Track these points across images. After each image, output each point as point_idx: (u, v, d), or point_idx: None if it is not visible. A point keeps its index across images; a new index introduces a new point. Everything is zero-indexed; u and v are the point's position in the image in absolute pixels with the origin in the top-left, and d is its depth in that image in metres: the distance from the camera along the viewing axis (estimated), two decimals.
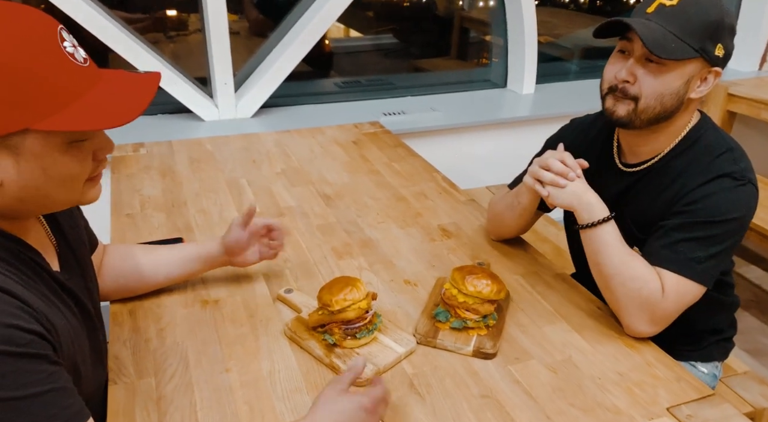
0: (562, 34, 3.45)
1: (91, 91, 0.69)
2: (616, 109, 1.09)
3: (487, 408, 0.93)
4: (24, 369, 0.62)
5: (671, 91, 1.05)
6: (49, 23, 0.68)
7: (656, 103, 1.06)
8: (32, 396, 0.63)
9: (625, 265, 1.06)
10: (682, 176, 1.10)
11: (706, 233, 1.04)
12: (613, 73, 1.09)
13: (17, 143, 0.66)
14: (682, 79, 1.05)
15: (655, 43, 1.00)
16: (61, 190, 0.72)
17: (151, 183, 1.64)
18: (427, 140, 2.44)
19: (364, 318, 1.02)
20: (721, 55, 1.04)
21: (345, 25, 3.10)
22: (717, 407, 0.93)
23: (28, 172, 0.68)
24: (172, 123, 2.29)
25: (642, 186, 1.17)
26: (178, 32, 2.63)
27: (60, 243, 0.87)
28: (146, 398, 0.93)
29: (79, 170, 0.72)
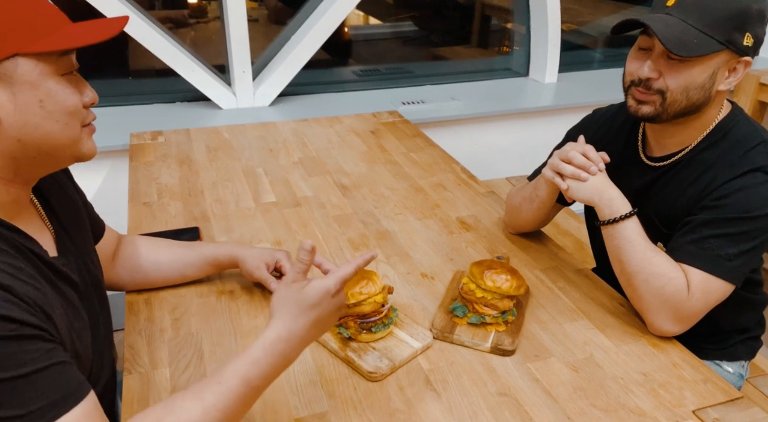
0: (587, 22, 3.36)
1: (67, 25, 0.73)
2: (640, 107, 1.05)
3: (504, 407, 0.90)
4: (22, 348, 0.63)
5: (697, 85, 1.00)
6: None
7: (682, 98, 1.01)
8: (33, 373, 0.63)
9: (647, 261, 1.02)
10: (711, 169, 1.06)
11: (737, 229, 1.00)
12: (635, 68, 1.04)
13: (10, 70, 0.67)
14: (707, 73, 1.00)
15: (675, 42, 0.95)
16: (62, 129, 0.72)
17: (168, 172, 1.64)
18: (447, 129, 2.41)
19: (380, 312, 1.01)
20: (750, 44, 0.99)
21: (364, 12, 3.06)
22: (745, 410, 0.90)
23: (25, 105, 0.68)
24: (190, 111, 2.28)
25: (668, 180, 1.13)
26: (198, 20, 2.62)
27: (56, 228, 0.85)
28: (160, 388, 0.92)
29: (73, 102, 0.72)
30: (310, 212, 1.46)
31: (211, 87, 2.26)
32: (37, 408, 0.63)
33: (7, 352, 0.62)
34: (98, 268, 0.94)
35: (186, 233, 1.33)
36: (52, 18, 0.71)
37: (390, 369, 0.96)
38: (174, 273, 1.13)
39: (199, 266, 1.14)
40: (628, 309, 1.12)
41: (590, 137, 1.23)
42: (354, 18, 2.99)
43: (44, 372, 0.64)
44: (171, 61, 2.15)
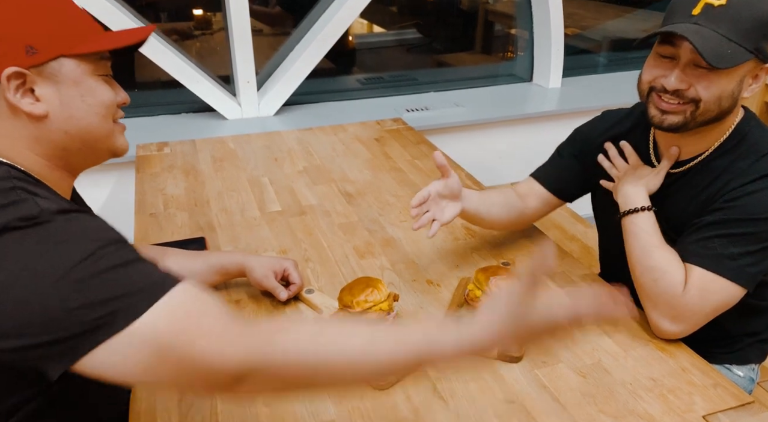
0: (590, 26, 3.37)
1: (104, 33, 0.82)
2: (666, 117, 1.02)
3: (513, 414, 0.90)
4: (124, 246, 0.67)
5: (728, 93, 0.99)
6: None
7: (715, 107, 0.99)
8: (125, 265, 0.64)
9: (646, 254, 1.04)
10: (723, 175, 1.05)
11: (743, 230, 0.99)
12: (657, 76, 1.02)
13: (56, 70, 0.75)
14: (736, 81, 0.98)
15: (713, 54, 0.92)
16: (100, 121, 0.80)
17: (174, 182, 1.65)
18: (451, 136, 2.41)
19: (385, 320, 1.00)
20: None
21: (368, 20, 3.08)
22: (756, 415, 0.88)
23: (69, 100, 0.76)
24: (196, 122, 2.30)
25: (679, 187, 1.12)
26: (203, 31, 2.64)
27: None
28: (167, 400, 0.92)
29: (110, 97, 0.80)
30: (315, 220, 1.46)
31: (216, 98, 2.27)
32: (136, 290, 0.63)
33: (111, 249, 0.65)
34: None
35: (192, 243, 1.33)
36: (90, 26, 0.80)
37: (397, 378, 0.96)
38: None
39: (207, 274, 1.14)
40: (636, 314, 1.11)
41: (599, 138, 1.23)
42: (358, 26, 3.00)
43: (138, 264, 0.66)
44: (176, 73, 2.17)
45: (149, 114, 2.33)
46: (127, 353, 0.61)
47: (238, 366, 0.62)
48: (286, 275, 1.14)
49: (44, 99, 0.75)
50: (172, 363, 0.62)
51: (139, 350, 0.61)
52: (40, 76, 0.74)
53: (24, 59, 0.72)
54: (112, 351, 0.61)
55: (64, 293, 0.60)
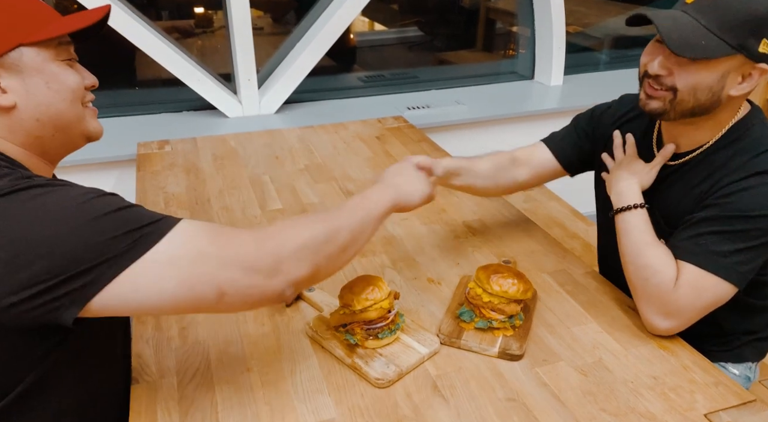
0: (592, 24, 3.35)
1: (61, 18, 0.82)
2: (648, 101, 1.04)
3: (513, 412, 0.90)
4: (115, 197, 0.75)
5: (704, 86, 0.98)
6: None
7: (690, 97, 1.00)
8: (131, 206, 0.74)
9: (638, 252, 1.04)
10: (719, 171, 1.04)
11: (735, 227, 0.98)
12: (647, 61, 1.03)
13: (16, 59, 0.77)
14: (716, 75, 0.96)
15: (680, 43, 0.93)
16: (68, 106, 0.81)
17: (175, 180, 1.65)
18: (453, 133, 2.40)
19: (386, 318, 1.00)
20: (767, 51, 0.95)
21: (369, 18, 3.07)
22: (758, 414, 0.88)
23: (34, 89, 0.78)
24: (197, 120, 2.30)
25: (675, 179, 1.12)
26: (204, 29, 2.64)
27: None
28: (167, 397, 0.92)
29: (76, 81, 0.82)
30: None
31: (217, 96, 2.27)
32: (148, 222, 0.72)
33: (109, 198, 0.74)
34: None
35: None
36: (46, 13, 0.81)
37: (397, 376, 0.96)
38: None
39: None
40: (637, 312, 1.11)
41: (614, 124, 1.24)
42: (359, 24, 3.00)
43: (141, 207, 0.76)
44: (177, 71, 2.16)
45: (150, 112, 2.33)
46: (156, 273, 0.70)
47: (272, 251, 0.77)
48: None
49: (10, 90, 0.77)
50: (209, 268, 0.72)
51: (168, 266, 0.70)
52: (2, 68, 0.76)
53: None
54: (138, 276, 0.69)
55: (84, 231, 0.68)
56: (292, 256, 0.78)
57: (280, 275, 0.76)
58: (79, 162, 1.93)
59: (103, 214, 0.70)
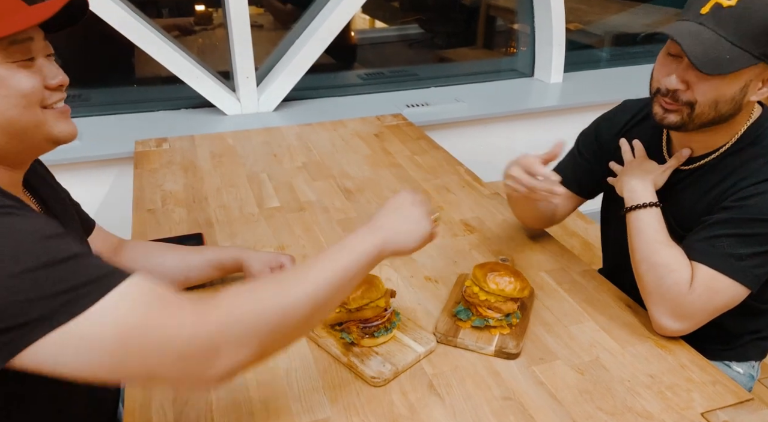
0: (593, 21, 3.34)
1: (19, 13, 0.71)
2: (666, 115, 1.02)
3: (509, 411, 0.89)
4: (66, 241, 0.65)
5: (727, 98, 0.96)
6: None
7: (710, 110, 0.98)
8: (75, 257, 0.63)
9: (651, 251, 1.02)
10: (734, 174, 1.03)
11: (753, 230, 0.97)
12: (663, 76, 1.01)
13: None
14: (738, 86, 0.95)
15: (705, 59, 0.91)
16: (21, 112, 0.72)
17: (173, 178, 1.64)
18: (452, 131, 2.40)
19: (382, 317, 1.00)
20: None
21: (370, 16, 3.06)
22: (756, 413, 0.88)
23: None
24: (195, 118, 2.29)
25: (688, 184, 1.10)
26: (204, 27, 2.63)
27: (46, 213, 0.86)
28: (162, 397, 0.92)
29: (28, 86, 0.72)
30: (314, 216, 1.45)
31: (216, 93, 2.26)
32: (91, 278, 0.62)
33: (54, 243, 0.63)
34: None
35: (190, 239, 1.33)
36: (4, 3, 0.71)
37: (393, 374, 0.95)
38: (178, 277, 1.13)
39: (203, 269, 1.14)
40: (635, 310, 1.10)
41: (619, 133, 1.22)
42: (360, 22, 2.99)
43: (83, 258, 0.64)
44: (175, 69, 2.16)
45: (148, 110, 2.33)
46: (81, 345, 0.59)
47: (210, 335, 0.64)
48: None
49: None
50: (138, 350, 0.61)
51: (94, 341, 0.59)
52: None
53: None
54: (62, 344, 0.58)
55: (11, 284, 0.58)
56: (235, 341, 0.65)
57: (217, 363, 0.64)
58: (75, 160, 1.92)
59: (36, 267, 0.60)
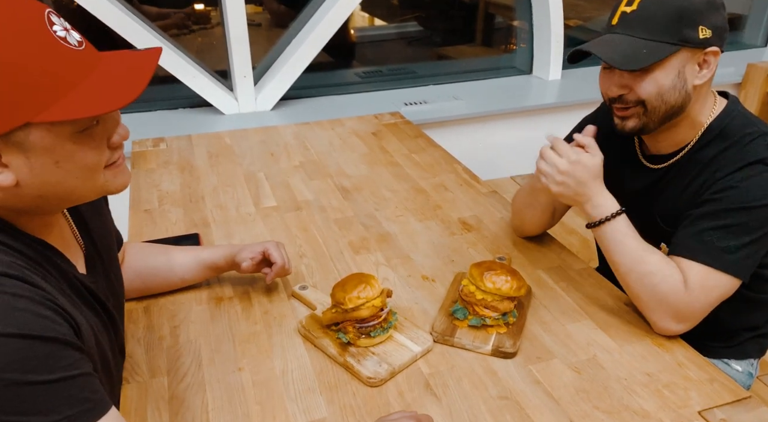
0: (593, 17, 3.33)
1: (91, 75, 0.67)
2: (625, 123, 1.05)
3: (505, 410, 0.89)
4: (55, 353, 0.63)
5: (667, 87, 0.99)
6: (34, 8, 0.64)
7: (659, 103, 1.01)
8: (62, 380, 0.63)
9: (638, 260, 1.01)
10: (710, 166, 1.04)
11: (737, 220, 0.97)
12: (606, 87, 1.05)
13: (22, 139, 0.63)
14: (673, 73, 0.99)
15: (624, 60, 0.96)
16: (81, 182, 0.70)
17: (169, 178, 1.64)
18: (450, 129, 2.39)
19: (378, 316, 0.99)
20: (709, 35, 0.97)
21: (369, 14, 3.06)
22: (753, 411, 0.87)
23: (41, 168, 0.66)
24: (193, 117, 2.29)
25: (668, 181, 1.11)
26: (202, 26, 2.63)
27: (87, 245, 0.86)
28: (158, 397, 0.92)
29: (93, 159, 0.69)
30: (311, 215, 1.45)
31: (213, 93, 2.26)
32: (60, 418, 0.62)
33: (41, 354, 0.61)
34: (120, 283, 0.95)
35: (186, 239, 1.32)
36: (69, 69, 0.65)
37: (389, 374, 0.95)
38: (173, 278, 1.13)
39: (197, 270, 1.13)
40: (632, 309, 1.10)
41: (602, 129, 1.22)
42: (359, 19, 2.98)
43: (72, 380, 0.64)
44: (173, 69, 2.16)
45: (146, 109, 2.33)
46: None
47: None
48: (267, 256, 1.10)
49: (12, 167, 0.65)
50: None
51: None
52: (5, 144, 0.63)
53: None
54: None
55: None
56: None
57: None
58: None
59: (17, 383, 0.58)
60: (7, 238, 0.69)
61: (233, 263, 1.12)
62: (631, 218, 1.13)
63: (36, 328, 0.62)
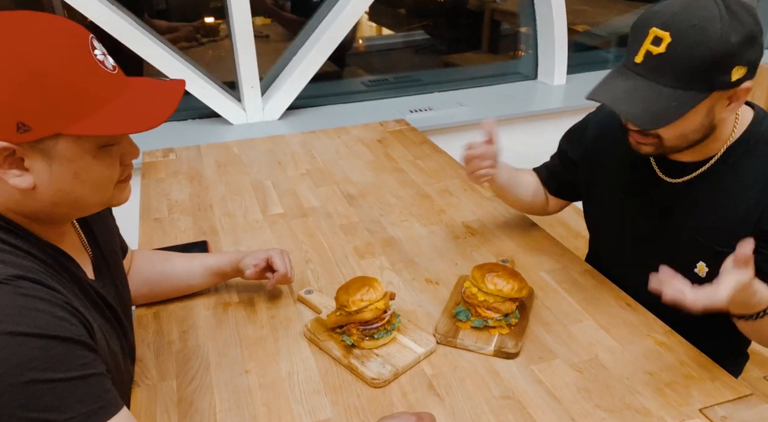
0: (599, 23, 3.34)
1: (120, 97, 0.72)
2: (640, 146, 1.00)
3: (508, 410, 0.90)
4: (71, 352, 0.66)
5: (694, 128, 0.94)
6: (80, 32, 0.70)
7: (681, 141, 0.96)
8: (78, 379, 0.66)
9: None
10: (758, 182, 0.97)
11: None
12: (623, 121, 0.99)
13: (50, 147, 0.69)
14: (701, 116, 0.92)
15: (650, 117, 0.89)
16: (93, 193, 0.75)
17: (179, 187, 1.67)
18: (455, 135, 2.41)
19: (381, 319, 1.01)
20: (743, 74, 0.88)
21: (376, 23, 3.09)
22: (754, 408, 0.88)
23: (59, 176, 0.71)
24: (202, 128, 2.33)
25: (698, 196, 1.03)
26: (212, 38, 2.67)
27: (95, 252, 0.90)
28: (167, 400, 0.94)
29: (108, 174, 0.75)
30: (317, 222, 1.47)
31: (222, 103, 2.30)
32: (75, 416, 0.65)
33: (58, 353, 0.65)
34: (126, 290, 0.98)
35: (195, 246, 1.35)
36: (103, 89, 0.70)
37: (393, 375, 0.96)
38: (180, 284, 1.16)
39: (204, 276, 1.16)
40: (635, 309, 1.11)
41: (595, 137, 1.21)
42: (366, 29, 3.02)
43: (87, 379, 0.67)
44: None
45: None
46: None
47: None
48: (270, 263, 1.12)
49: (33, 171, 0.69)
50: None
51: None
52: (32, 150, 0.68)
53: (14, 136, 0.65)
54: None
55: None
56: None
57: None
58: None
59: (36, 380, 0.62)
60: (24, 244, 0.73)
61: (238, 270, 1.14)
62: (657, 237, 1.09)
63: (53, 328, 0.65)
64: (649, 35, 0.89)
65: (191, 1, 2.59)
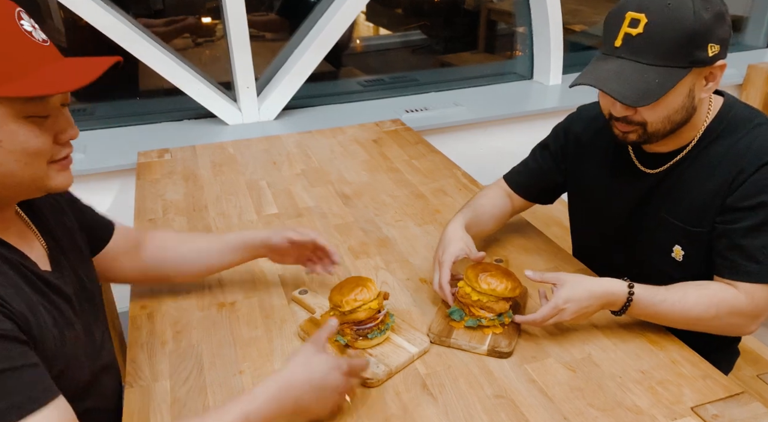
0: (595, 22, 3.35)
1: (48, 67, 0.71)
2: (626, 135, 1.03)
3: (501, 409, 0.90)
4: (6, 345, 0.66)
5: (676, 108, 0.97)
6: (5, 3, 0.70)
7: (665, 124, 0.99)
8: (7, 370, 0.66)
9: (686, 313, 0.98)
10: (726, 160, 1.00)
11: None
12: (609, 106, 1.02)
13: None
14: (683, 95, 0.96)
15: (636, 96, 0.92)
16: (23, 167, 0.72)
17: (174, 188, 1.67)
18: (451, 135, 2.41)
19: (375, 319, 1.01)
20: (717, 50, 0.93)
21: (373, 23, 3.09)
22: (745, 406, 0.88)
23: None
24: (197, 128, 2.33)
25: (674, 182, 1.07)
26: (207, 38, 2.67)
27: (50, 244, 0.87)
28: (160, 401, 0.94)
29: (36, 145, 0.72)
30: (312, 222, 1.47)
31: (217, 104, 2.30)
32: (8, 405, 0.65)
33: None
34: (94, 283, 0.97)
35: None
36: (29, 57, 0.70)
37: (386, 375, 0.97)
38: (199, 265, 1.14)
39: (226, 253, 1.14)
40: None
41: (578, 135, 1.23)
42: (363, 29, 3.02)
43: (17, 371, 0.67)
44: (176, 81, 2.19)
45: (151, 122, 2.36)
46: None
47: None
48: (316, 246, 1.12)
49: None
50: None
51: None
52: None
53: None
54: None
55: None
56: None
57: None
58: (79, 173, 1.96)
59: None
60: None
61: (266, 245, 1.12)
62: (638, 224, 1.12)
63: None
64: (626, 19, 0.93)
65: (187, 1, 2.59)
